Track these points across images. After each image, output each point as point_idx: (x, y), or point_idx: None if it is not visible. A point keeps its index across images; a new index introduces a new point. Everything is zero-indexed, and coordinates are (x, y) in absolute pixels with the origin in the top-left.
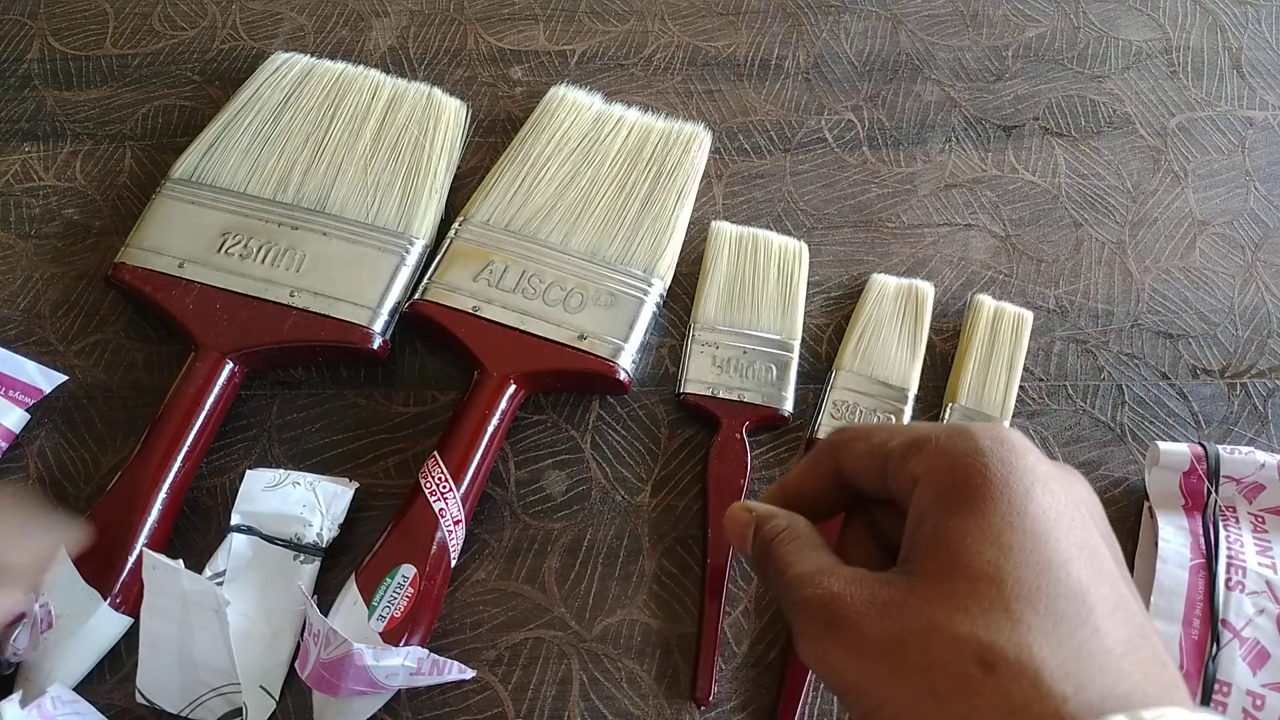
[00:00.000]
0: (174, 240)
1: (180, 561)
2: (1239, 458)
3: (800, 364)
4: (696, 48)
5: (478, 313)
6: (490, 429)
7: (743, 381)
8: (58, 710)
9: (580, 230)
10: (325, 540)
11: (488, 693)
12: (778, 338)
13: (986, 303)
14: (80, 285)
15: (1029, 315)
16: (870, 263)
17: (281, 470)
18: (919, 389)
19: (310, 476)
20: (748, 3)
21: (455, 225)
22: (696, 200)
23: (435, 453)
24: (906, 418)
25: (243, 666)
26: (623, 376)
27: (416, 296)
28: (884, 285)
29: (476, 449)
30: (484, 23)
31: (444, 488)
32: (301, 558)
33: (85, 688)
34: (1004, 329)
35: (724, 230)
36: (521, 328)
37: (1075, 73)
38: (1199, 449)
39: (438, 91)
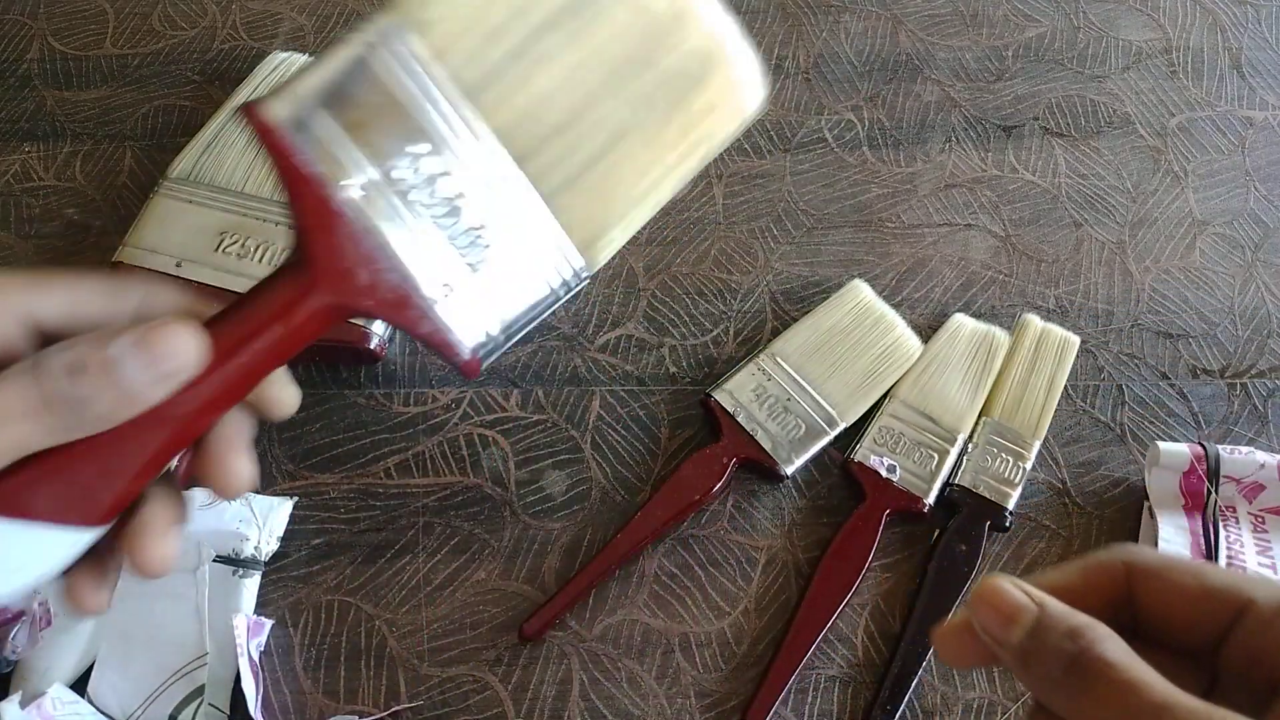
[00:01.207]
0: (172, 239)
1: None
2: (1239, 458)
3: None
4: None
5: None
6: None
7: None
8: (57, 710)
9: None
10: (264, 554)
11: (488, 693)
12: (831, 411)
13: (1034, 322)
14: None
15: (1075, 339)
16: (870, 263)
17: None
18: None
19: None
20: (748, 3)
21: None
22: (695, 201)
23: None
24: (950, 460)
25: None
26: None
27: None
28: (961, 325)
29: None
30: None
31: None
32: (240, 572)
33: (81, 687)
34: (1048, 350)
35: (862, 290)
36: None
37: (1075, 73)
38: (1199, 449)
39: None
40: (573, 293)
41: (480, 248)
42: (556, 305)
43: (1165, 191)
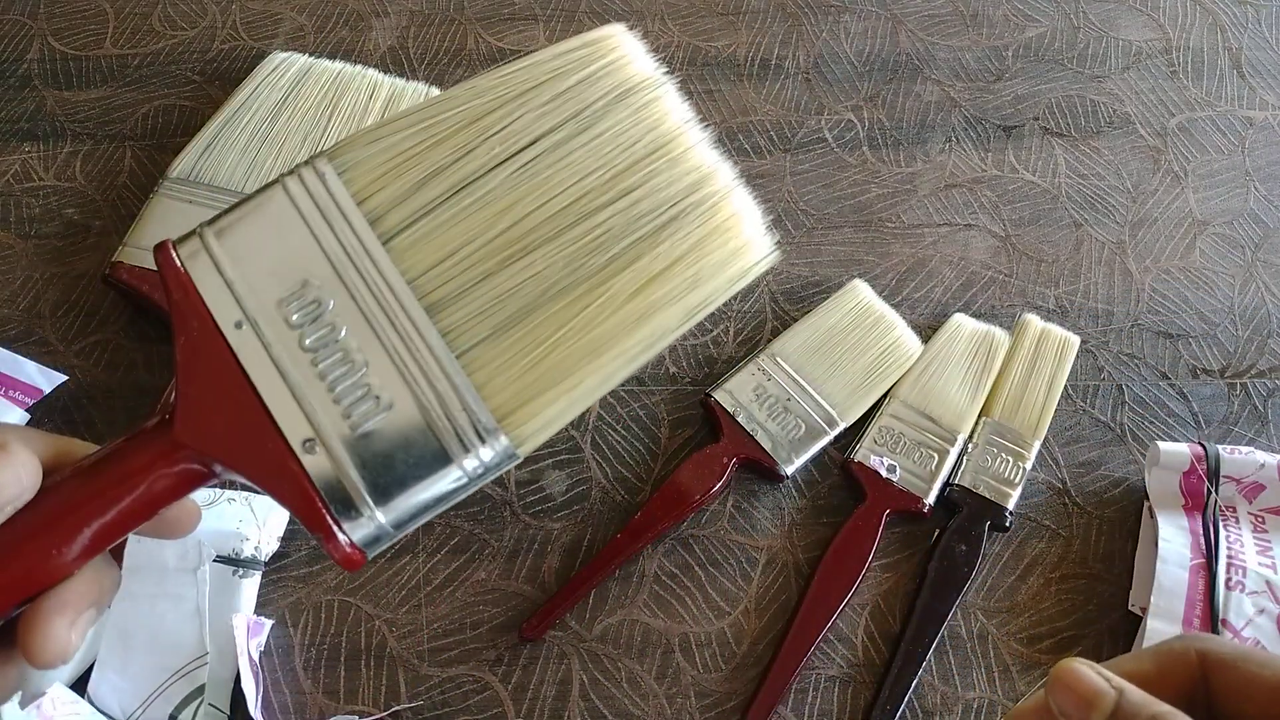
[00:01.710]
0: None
1: None
2: (1239, 458)
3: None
4: (696, 48)
5: None
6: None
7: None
8: (57, 710)
9: None
10: (264, 554)
11: (488, 693)
12: (831, 411)
13: (1033, 322)
14: (80, 285)
15: (1075, 340)
16: (870, 263)
17: (215, 489)
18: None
19: (246, 492)
20: (748, 3)
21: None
22: None
23: None
24: (950, 460)
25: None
26: None
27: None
28: (961, 325)
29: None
30: (484, 23)
31: None
32: (240, 572)
33: (81, 687)
34: (1048, 350)
35: (861, 290)
36: None
37: (1075, 73)
38: (1199, 449)
39: (436, 91)
40: (488, 478)
41: (375, 411)
42: (467, 489)
43: (1165, 191)
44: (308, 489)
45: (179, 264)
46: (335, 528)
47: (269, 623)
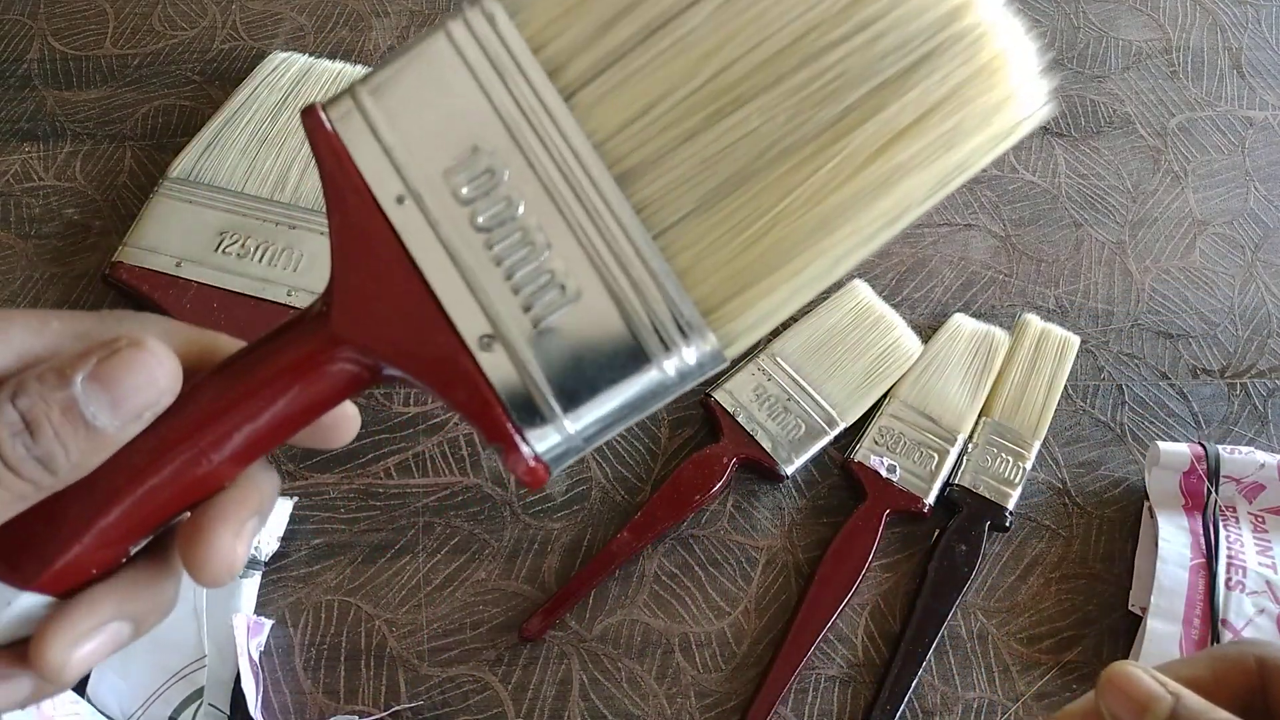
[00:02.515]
0: (172, 239)
1: None
2: (1239, 458)
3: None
4: None
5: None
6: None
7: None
8: (57, 710)
9: None
10: (264, 554)
11: (488, 693)
12: (831, 412)
13: (1033, 322)
14: (80, 285)
15: (1075, 339)
16: (870, 263)
17: None
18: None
19: None
20: None
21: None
22: None
23: None
24: (950, 460)
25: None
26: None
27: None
28: (961, 325)
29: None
30: None
31: None
32: (240, 573)
33: (82, 687)
34: (1048, 350)
35: (862, 290)
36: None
37: (1075, 73)
38: (1199, 449)
39: None
40: (688, 384)
41: (561, 302)
42: (666, 396)
43: (1165, 191)
44: (486, 392)
45: (329, 127)
46: (517, 437)
47: (269, 623)
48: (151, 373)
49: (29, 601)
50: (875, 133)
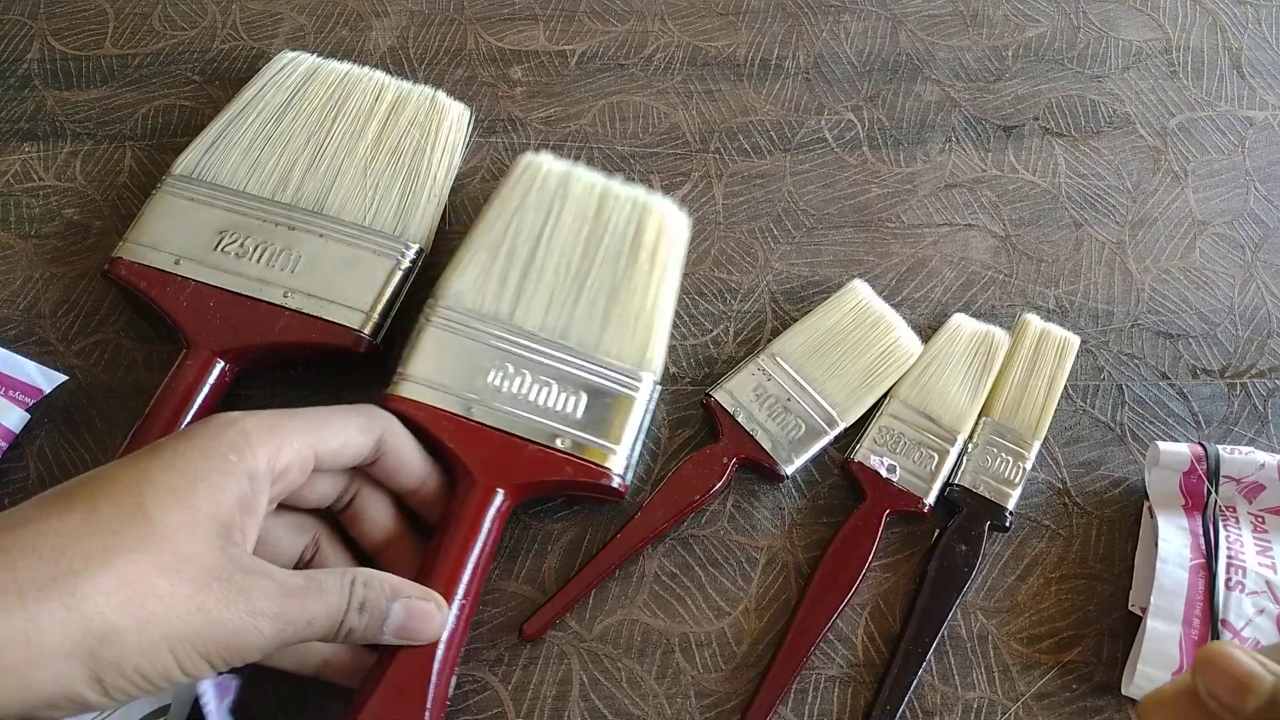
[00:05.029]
0: (171, 236)
1: None
2: (1239, 458)
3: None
4: (696, 48)
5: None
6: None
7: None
8: None
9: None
10: None
11: (488, 693)
12: (830, 412)
13: (1033, 322)
14: (80, 285)
15: (1075, 340)
16: (870, 263)
17: None
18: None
19: None
20: (748, 3)
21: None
22: (695, 201)
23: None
24: (950, 460)
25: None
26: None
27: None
28: (960, 325)
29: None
30: (484, 23)
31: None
32: None
33: None
34: (1048, 350)
35: (861, 291)
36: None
37: (1075, 73)
38: (1199, 449)
39: (441, 95)
40: (656, 397)
41: (578, 397)
42: (651, 406)
43: (1165, 191)
44: (586, 465)
45: (423, 402)
46: (617, 480)
47: (236, 682)
48: (435, 625)
49: None
50: (644, 271)
